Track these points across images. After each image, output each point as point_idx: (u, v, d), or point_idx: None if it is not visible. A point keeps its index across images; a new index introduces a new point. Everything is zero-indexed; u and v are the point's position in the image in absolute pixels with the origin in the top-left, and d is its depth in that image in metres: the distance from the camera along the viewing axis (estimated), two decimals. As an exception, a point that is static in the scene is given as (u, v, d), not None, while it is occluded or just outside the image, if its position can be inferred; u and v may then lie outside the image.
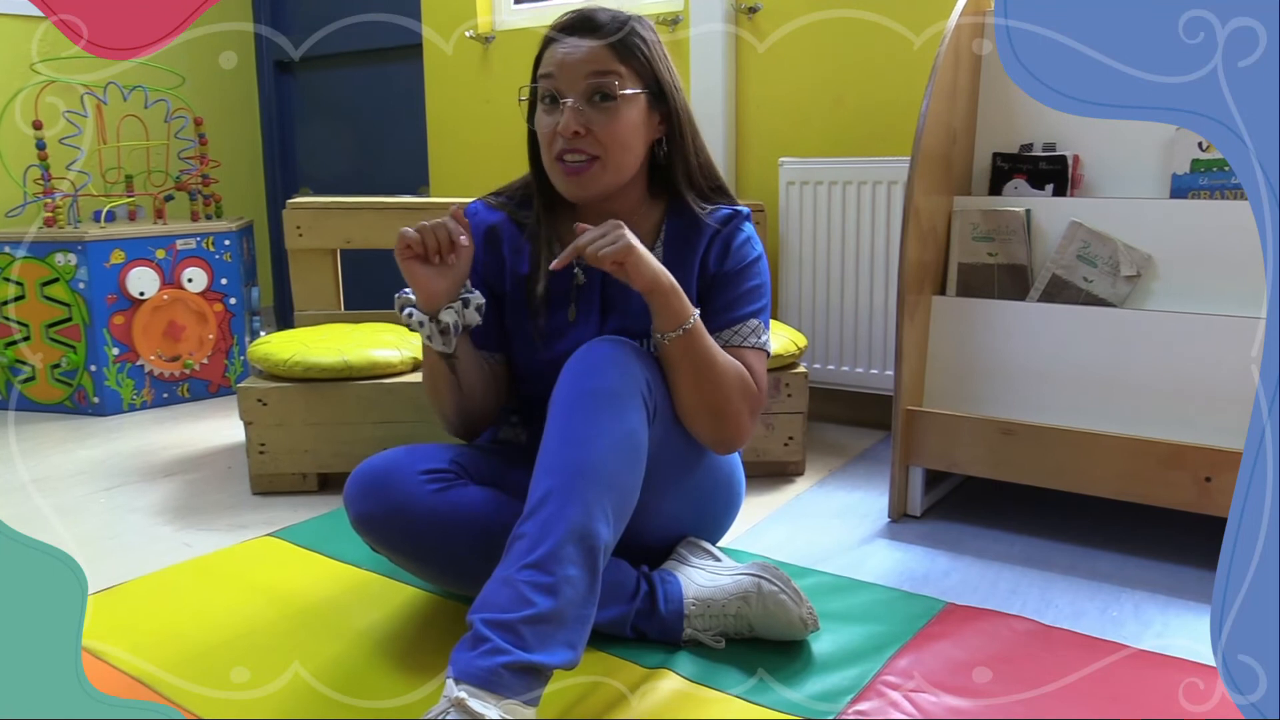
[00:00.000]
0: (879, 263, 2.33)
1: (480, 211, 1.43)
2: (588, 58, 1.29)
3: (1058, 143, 1.88)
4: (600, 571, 1.13)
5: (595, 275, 1.39)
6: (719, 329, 1.37)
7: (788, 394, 2.05)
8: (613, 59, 1.30)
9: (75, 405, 2.77)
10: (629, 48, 1.31)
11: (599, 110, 1.29)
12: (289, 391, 2.00)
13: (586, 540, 1.11)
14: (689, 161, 1.39)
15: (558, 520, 1.10)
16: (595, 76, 1.29)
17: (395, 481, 1.29)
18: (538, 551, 1.09)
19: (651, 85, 1.33)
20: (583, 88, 1.29)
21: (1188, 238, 1.68)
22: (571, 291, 1.40)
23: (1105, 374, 1.70)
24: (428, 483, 1.29)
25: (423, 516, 1.28)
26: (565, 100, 1.29)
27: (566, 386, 1.22)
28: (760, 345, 1.38)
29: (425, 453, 1.35)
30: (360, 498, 1.31)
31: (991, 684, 1.23)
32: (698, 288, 1.39)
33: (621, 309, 1.39)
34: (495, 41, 3.04)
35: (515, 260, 1.41)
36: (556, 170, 1.32)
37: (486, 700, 0.99)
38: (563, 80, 1.29)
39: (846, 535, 1.78)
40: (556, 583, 1.07)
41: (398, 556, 1.34)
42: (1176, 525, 1.74)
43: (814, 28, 2.45)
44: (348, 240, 2.36)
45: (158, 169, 3.00)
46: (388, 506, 1.29)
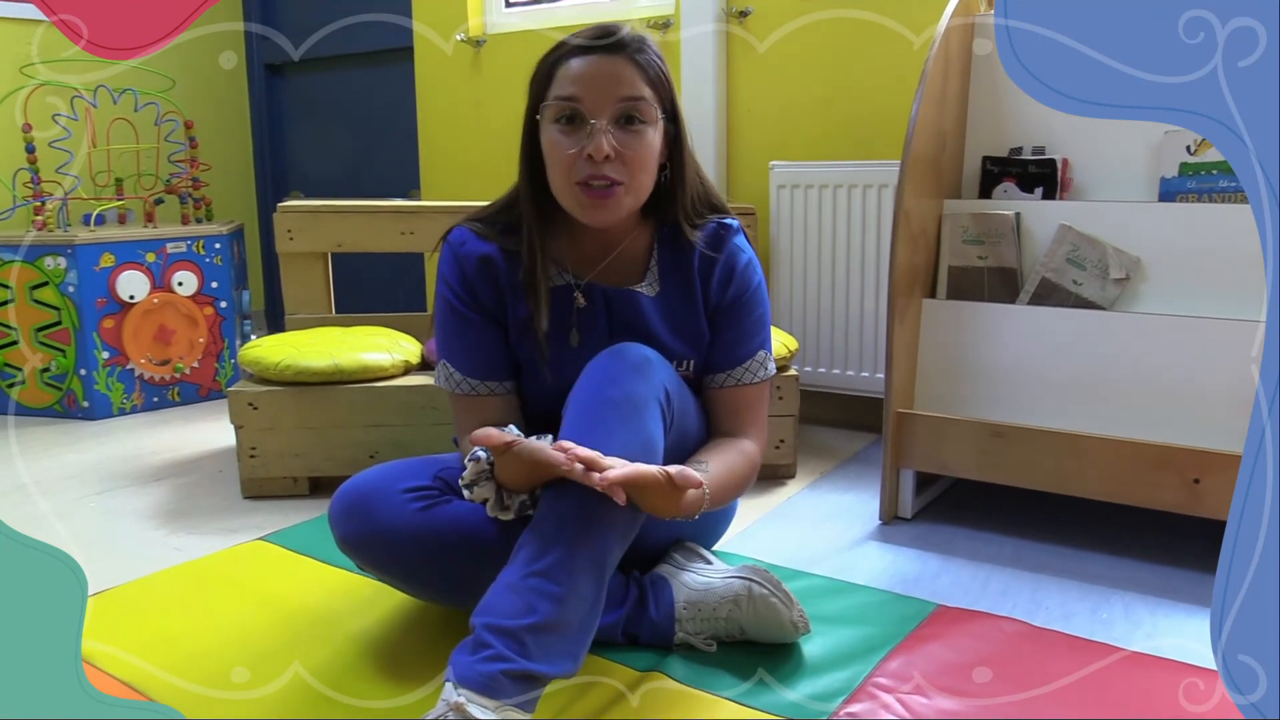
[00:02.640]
0: (869, 266, 2.33)
1: (469, 241, 1.35)
2: (619, 79, 1.24)
3: (1047, 146, 1.89)
4: (606, 583, 1.12)
5: (598, 297, 1.35)
6: (729, 367, 1.37)
7: (779, 397, 2.05)
8: (641, 82, 1.25)
9: (65, 409, 2.76)
10: (654, 70, 1.27)
11: (628, 134, 1.24)
12: (280, 395, 1.99)
13: (595, 550, 1.10)
14: (689, 184, 1.36)
15: (568, 529, 1.10)
16: (627, 101, 1.23)
17: (378, 502, 1.28)
18: (546, 559, 1.08)
19: (668, 108, 1.30)
20: (613, 111, 1.23)
21: (1176, 241, 1.69)
22: (572, 317, 1.35)
23: (1095, 376, 1.71)
24: (411, 501, 1.28)
25: (406, 537, 1.27)
26: (594, 121, 1.23)
27: (586, 391, 1.20)
28: (767, 376, 1.39)
29: (408, 469, 1.33)
30: (344, 519, 1.30)
31: (983, 685, 1.23)
32: (705, 318, 1.37)
33: (633, 330, 1.34)
34: (486, 45, 3.04)
35: (514, 296, 1.34)
36: (575, 194, 1.26)
37: (485, 705, 0.99)
38: (591, 101, 1.23)
39: (837, 538, 1.79)
40: (563, 593, 1.07)
41: (386, 576, 1.33)
42: (1166, 527, 1.75)
43: (805, 32, 2.45)
44: (339, 244, 2.35)
45: (148, 172, 2.99)
46: (371, 528, 1.28)
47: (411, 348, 2.15)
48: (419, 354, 2.16)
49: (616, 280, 1.37)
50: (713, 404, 1.39)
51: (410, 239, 2.35)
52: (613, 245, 1.36)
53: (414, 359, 2.13)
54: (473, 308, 1.34)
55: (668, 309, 1.37)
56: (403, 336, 2.21)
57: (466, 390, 1.35)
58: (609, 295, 1.35)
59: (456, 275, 1.35)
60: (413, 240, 2.35)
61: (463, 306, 1.34)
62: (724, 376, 1.38)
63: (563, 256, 1.36)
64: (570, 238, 1.37)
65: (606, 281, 1.36)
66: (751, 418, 1.39)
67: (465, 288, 1.34)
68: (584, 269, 1.37)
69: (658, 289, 1.37)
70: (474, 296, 1.34)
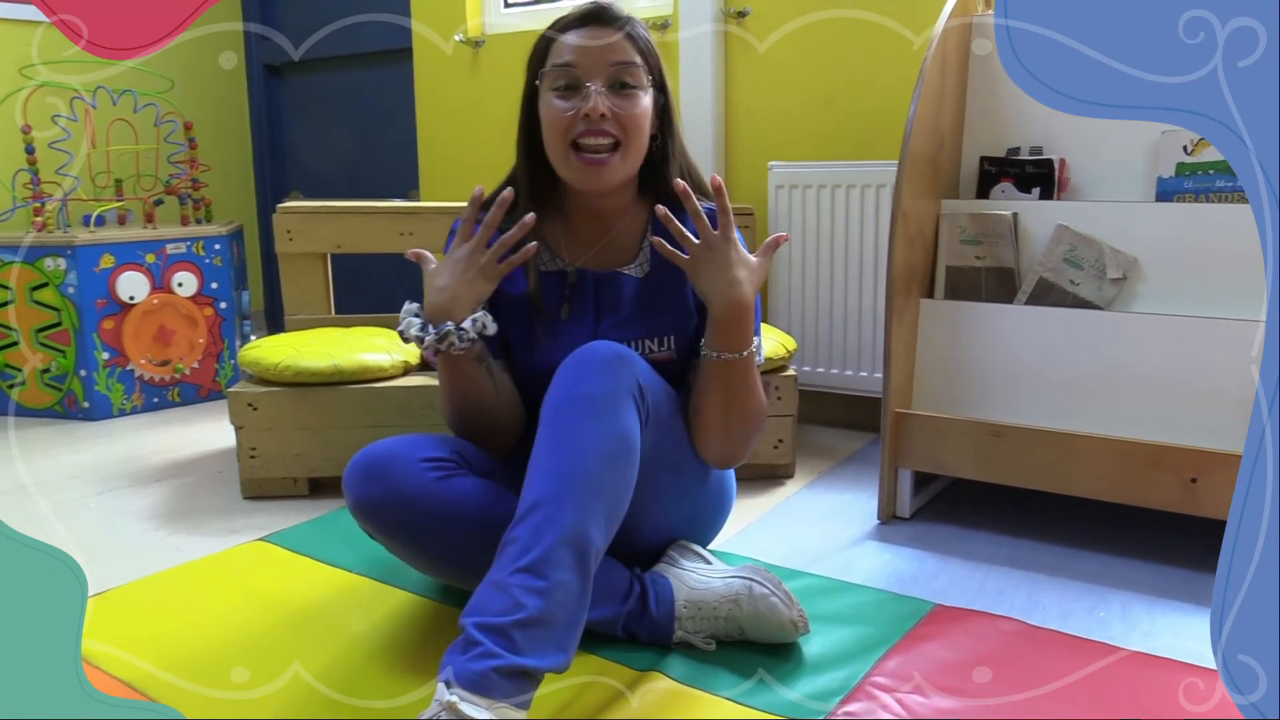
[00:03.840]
0: (867, 266, 2.34)
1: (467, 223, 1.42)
2: (612, 47, 1.33)
3: (1044, 146, 1.90)
4: (592, 576, 1.13)
5: (588, 276, 1.40)
6: None
7: (777, 397, 2.06)
8: (631, 49, 1.34)
9: (65, 410, 2.76)
10: (642, 40, 1.37)
11: (621, 96, 1.33)
12: (279, 396, 2.00)
13: (578, 544, 1.11)
14: (678, 156, 1.43)
15: (550, 525, 1.11)
16: (619, 64, 1.33)
17: (396, 467, 1.30)
18: (529, 556, 1.09)
19: (658, 81, 1.38)
20: (607, 74, 1.32)
21: (1173, 241, 1.69)
22: (564, 291, 1.41)
23: (1092, 376, 1.71)
24: (428, 470, 1.30)
25: (422, 503, 1.28)
26: (589, 85, 1.31)
27: (558, 391, 1.22)
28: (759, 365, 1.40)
29: (426, 442, 1.35)
30: (360, 482, 1.31)
31: (981, 685, 1.24)
32: (694, 299, 1.40)
33: (614, 310, 1.40)
34: (485, 46, 3.04)
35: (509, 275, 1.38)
36: (570, 160, 1.34)
37: (478, 704, 1.00)
38: (585, 66, 1.32)
39: (836, 537, 1.79)
40: (548, 587, 1.08)
41: (394, 544, 1.34)
42: (1163, 526, 1.75)
43: (803, 32, 2.46)
44: (338, 244, 2.36)
45: (147, 173, 2.99)
46: (387, 492, 1.29)
47: (410, 348, 2.16)
48: (418, 354, 2.16)
49: (608, 260, 1.42)
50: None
51: (409, 239, 2.35)
52: (607, 228, 1.42)
53: (413, 359, 2.13)
54: None
55: (654, 289, 1.41)
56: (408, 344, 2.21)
57: None
58: (597, 279, 1.41)
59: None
60: (412, 241, 2.35)
61: None
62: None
63: (557, 240, 1.42)
64: (565, 221, 1.42)
65: (597, 263, 1.42)
66: None
67: None
68: (577, 253, 1.42)
69: (648, 269, 1.42)
70: None
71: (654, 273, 1.42)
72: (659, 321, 1.41)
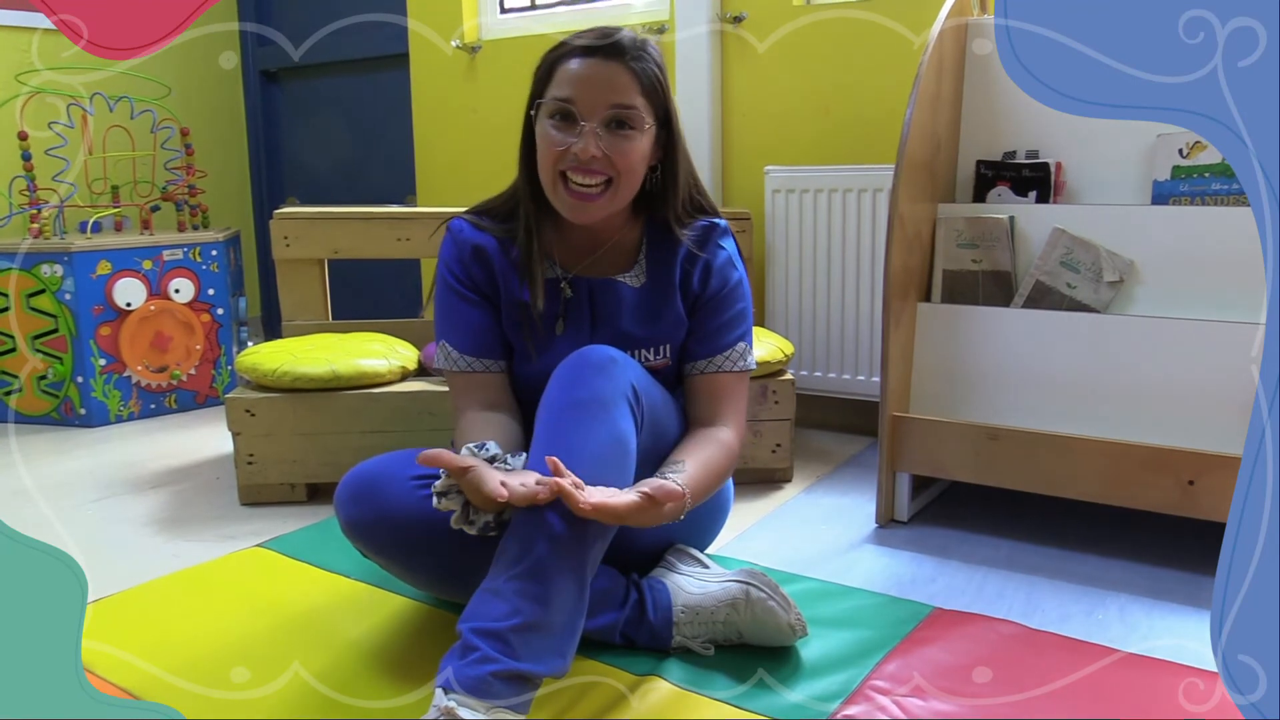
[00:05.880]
0: (864, 270, 2.34)
1: (466, 229, 1.42)
2: (613, 85, 1.28)
3: (1040, 150, 1.90)
4: (588, 580, 1.14)
5: (582, 289, 1.40)
6: (710, 354, 1.41)
7: (775, 401, 2.06)
8: (635, 90, 1.29)
9: (62, 416, 2.76)
10: (649, 78, 1.31)
11: (616, 137, 1.29)
12: (277, 402, 2.00)
13: (574, 549, 1.11)
14: (681, 187, 1.40)
15: (545, 530, 1.11)
16: (618, 107, 1.28)
17: (385, 487, 1.29)
18: (526, 561, 1.09)
19: (661, 116, 1.34)
20: (604, 115, 1.28)
21: (1169, 243, 1.70)
22: (560, 306, 1.40)
23: (1089, 379, 1.71)
24: (418, 488, 1.29)
25: (413, 522, 1.28)
26: (584, 123, 1.28)
27: (553, 395, 1.23)
28: (745, 368, 1.42)
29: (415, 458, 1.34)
30: (350, 503, 1.30)
31: (979, 687, 1.24)
32: (684, 309, 1.41)
33: (611, 321, 1.40)
34: (482, 51, 3.05)
35: (506, 282, 1.40)
36: (559, 190, 1.32)
37: (476, 708, 1.00)
38: (583, 103, 1.28)
39: (834, 541, 1.79)
40: (545, 592, 1.08)
41: (387, 562, 1.34)
42: (1160, 528, 1.76)
43: (799, 36, 2.46)
44: (335, 250, 2.36)
45: (144, 179, 3.00)
46: (377, 512, 1.29)
47: (408, 354, 2.16)
48: (415, 360, 2.16)
49: (604, 269, 1.42)
50: (692, 391, 1.42)
51: (406, 245, 2.35)
52: (600, 241, 1.42)
53: (411, 365, 2.13)
54: (470, 289, 1.40)
55: (649, 299, 1.41)
56: (399, 342, 2.21)
57: (464, 367, 1.40)
58: (592, 286, 1.40)
59: (455, 258, 1.41)
60: (409, 246, 2.36)
61: (461, 288, 1.40)
62: (704, 363, 1.41)
63: (553, 249, 1.42)
64: (560, 231, 1.42)
65: (594, 270, 1.42)
66: (730, 406, 1.41)
67: (463, 270, 1.40)
68: (572, 262, 1.42)
69: (644, 279, 1.42)
70: (471, 279, 1.40)
71: (650, 283, 1.41)
72: (655, 331, 1.40)
